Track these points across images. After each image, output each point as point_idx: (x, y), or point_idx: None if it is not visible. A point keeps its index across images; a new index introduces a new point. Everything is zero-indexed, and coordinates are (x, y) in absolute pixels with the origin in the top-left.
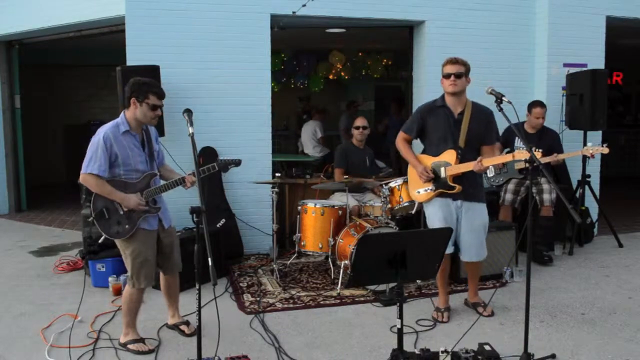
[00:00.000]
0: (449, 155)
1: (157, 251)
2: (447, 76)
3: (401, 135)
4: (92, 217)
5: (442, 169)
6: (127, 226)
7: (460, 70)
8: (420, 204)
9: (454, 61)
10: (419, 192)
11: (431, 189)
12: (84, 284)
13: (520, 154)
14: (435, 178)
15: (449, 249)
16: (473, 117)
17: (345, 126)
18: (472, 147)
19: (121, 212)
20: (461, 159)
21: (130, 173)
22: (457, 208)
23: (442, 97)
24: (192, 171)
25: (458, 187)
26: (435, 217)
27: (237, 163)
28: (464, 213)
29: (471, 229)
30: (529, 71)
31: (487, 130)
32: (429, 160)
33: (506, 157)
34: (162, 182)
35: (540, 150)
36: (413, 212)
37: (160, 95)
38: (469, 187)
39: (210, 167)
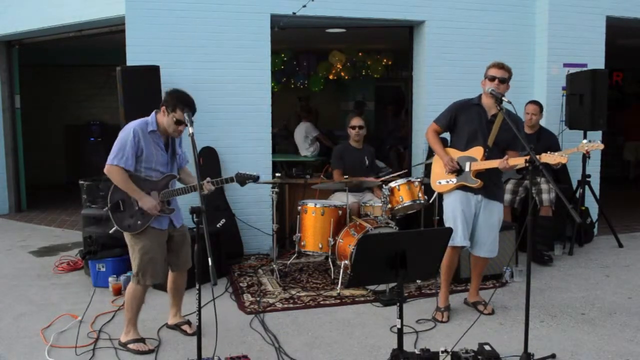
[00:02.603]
0: (477, 152)
1: (167, 249)
2: (491, 79)
3: (432, 126)
4: (107, 208)
5: (467, 164)
6: (139, 222)
7: (504, 76)
8: (422, 203)
9: (501, 66)
10: (440, 183)
11: (453, 181)
12: (94, 290)
13: (547, 157)
14: (459, 171)
15: (466, 243)
16: (504, 122)
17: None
18: (498, 149)
19: (136, 207)
20: (487, 157)
21: (150, 172)
22: (477, 203)
23: (479, 96)
24: (210, 180)
25: (480, 182)
26: (454, 208)
27: (255, 179)
28: (482, 209)
29: (488, 225)
30: (529, 71)
31: (514, 138)
32: (456, 154)
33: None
34: (179, 185)
35: (564, 154)
36: (430, 202)
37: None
38: (491, 185)
39: (228, 178)
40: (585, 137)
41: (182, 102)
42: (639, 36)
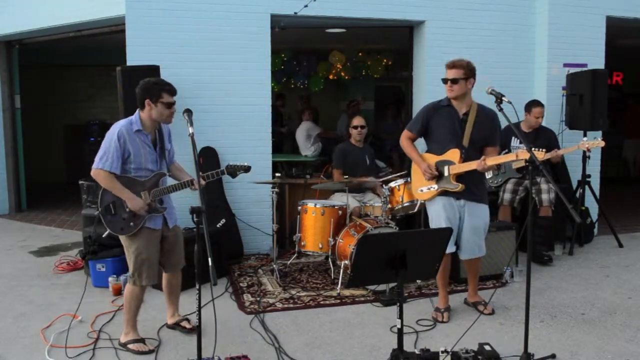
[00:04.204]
0: (453, 154)
1: (160, 249)
2: (444, 81)
3: (405, 134)
4: (98, 212)
5: (446, 168)
6: (131, 224)
7: (456, 76)
8: (422, 203)
9: (451, 65)
10: (421, 190)
11: (434, 188)
12: (85, 285)
13: (523, 153)
14: (438, 176)
15: (451, 249)
16: (478, 118)
17: (346, 126)
18: (475, 147)
19: (127, 210)
20: (465, 158)
21: (140, 171)
22: (460, 207)
23: (448, 97)
24: (201, 175)
25: (461, 186)
26: (438, 215)
27: (246, 169)
28: (466, 213)
29: (473, 229)
30: (529, 71)
31: (491, 132)
32: (433, 159)
33: (509, 157)
34: (171, 182)
35: (543, 150)
36: (415, 211)
37: (172, 92)
38: (473, 187)
39: (219, 171)
40: (585, 137)
41: (162, 85)
42: (639, 36)
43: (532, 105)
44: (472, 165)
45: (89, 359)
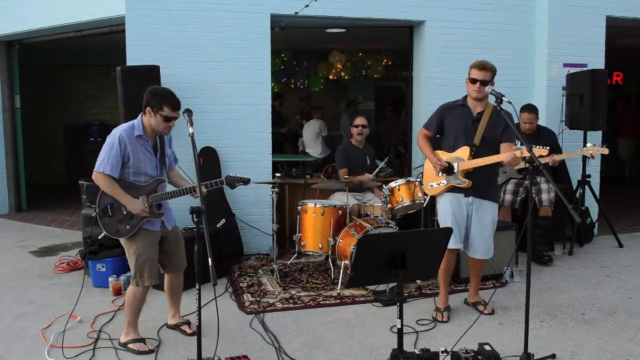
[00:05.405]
0: (463, 152)
1: (160, 250)
2: (473, 81)
3: (422, 131)
4: (95, 213)
5: (455, 164)
6: (127, 227)
7: (486, 78)
8: (432, 199)
9: (482, 67)
10: (432, 186)
11: (443, 183)
12: (82, 284)
13: (525, 152)
14: (448, 172)
15: (458, 245)
16: (492, 118)
17: (348, 125)
18: (487, 146)
19: (124, 212)
20: (474, 156)
21: (139, 176)
22: (468, 204)
23: (465, 97)
24: (203, 183)
25: (467, 182)
26: (445, 211)
27: (245, 181)
28: (474, 210)
29: (481, 226)
30: (529, 71)
31: (505, 130)
32: (445, 156)
33: (511, 154)
34: (169, 188)
35: (547, 148)
36: (425, 205)
37: (175, 107)
38: (482, 185)
39: (219, 181)
40: (585, 137)
41: (167, 98)
42: (639, 36)
43: (521, 110)
44: (479, 162)
45: (89, 359)
